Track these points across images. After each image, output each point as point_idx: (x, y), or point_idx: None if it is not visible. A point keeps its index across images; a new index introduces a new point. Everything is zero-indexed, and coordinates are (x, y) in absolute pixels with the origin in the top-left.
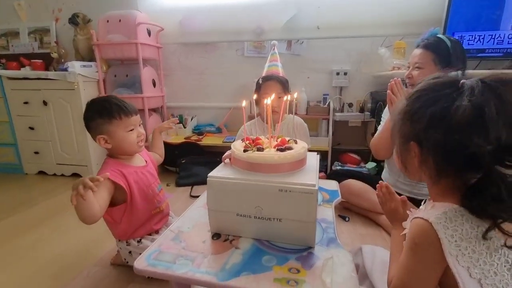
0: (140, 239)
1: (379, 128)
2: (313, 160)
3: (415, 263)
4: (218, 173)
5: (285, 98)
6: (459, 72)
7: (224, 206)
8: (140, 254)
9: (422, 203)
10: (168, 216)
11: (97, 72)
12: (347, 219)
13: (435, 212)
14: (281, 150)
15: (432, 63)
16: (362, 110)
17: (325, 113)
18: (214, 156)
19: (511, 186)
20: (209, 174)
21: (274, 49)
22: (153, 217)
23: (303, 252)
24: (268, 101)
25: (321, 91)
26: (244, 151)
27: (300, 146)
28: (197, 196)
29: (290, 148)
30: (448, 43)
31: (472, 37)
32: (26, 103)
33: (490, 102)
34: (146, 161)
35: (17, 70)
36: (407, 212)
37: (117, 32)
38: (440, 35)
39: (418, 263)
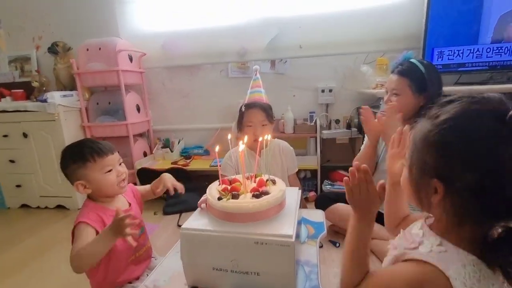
0: None
1: (361, 149)
2: (293, 199)
3: None
4: (192, 223)
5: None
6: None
7: (199, 259)
8: None
9: (418, 226)
10: (150, 259)
11: (78, 101)
12: (337, 244)
13: (451, 262)
14: (257, 196)
15: (408, 89)
16: (349, 126)
17: (312, 131)
18: (202, 181)
19: None
20: (183, 226)
21: (256, 74)
22: (131, 264)
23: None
24: (241, 147)
25: (307, 109)
26: (219, 199)
27: (278, 189)
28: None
29: (266, 193)
30: (422, 68)
31: (451, 52)
32: (5, 136)
33: None
34: (129, 204)
35: None
36: (401, 233)
37: (97, 60)
38: (413, 60)
39: None
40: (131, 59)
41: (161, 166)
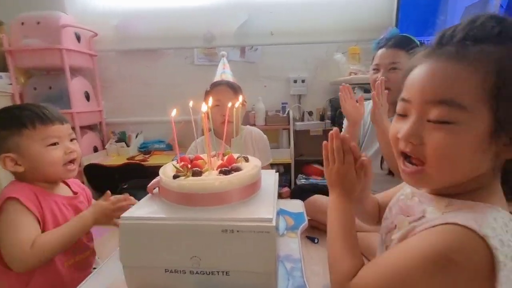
0: None
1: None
2: (270, 180)
3: (432, 284)
4: (136, 211)
5: (236, 104)
6: None
7: (146, 260)
8: None
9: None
10: (90, 268)
11: (10, 84)
12: (316, 240)
13: (478, 218)
14: (225, 172)
15: (408, 61)
16: (322, 118)
17: (285, 123)
18: None
19: None
20: (122, 215)
21: (223, 58)
22: (68, 270)
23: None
24: (204, 108)
25: (279, 99)
26: (174, 177)
27: (252, 165)
28: None
29: (237, 169)
30: (416, 40)
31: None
32: None
33: None
34: (75, 193)
35: None
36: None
37: (35, 36)
38: (404, 34)
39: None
40: (78, 38)
41: (114, 162)
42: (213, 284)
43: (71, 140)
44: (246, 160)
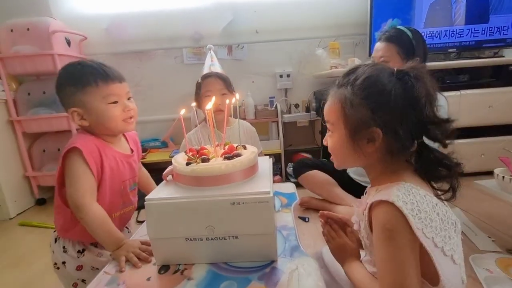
0: (83, 250)
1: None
2: (266, 164)
3: (398, 251)
4: (157, 194)
5: (228, 101)
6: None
7: (169, 233)
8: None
9: (364, 193)
10: (130, 219)
11: (3, 91)
12: (306, 219)
13: (389, 193)
14: (229, 158)
15: (397, 55)
16: (308, 109)
17: (273, 116)
18: (161, 174)
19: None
20: (147, 197)
21: (211, 51)
22: (115, 221)
23: (266, 268)
24: (209, 105)
25: (267, 94)
26: (187, 164)
27: (250, 151)
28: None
29: (238, 155)
30: (409, 33)
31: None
32: None
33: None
34: (132, 150)
35: None
36: (353, 206)
37: (26, 43)
38: (400, 26)
39: (401, 249)
40: (69, 43)
41: None
42: (226, 247)
43: (128, 98)
44: (245, 147)
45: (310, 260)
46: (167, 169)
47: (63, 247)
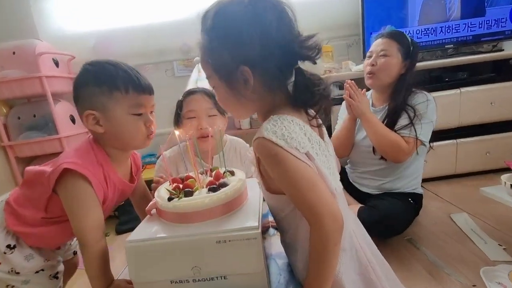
0: (14, 246)
1: (337, 127)
2: (255, 189)
3: (291, 168)
4: (139, 234)
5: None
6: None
7: (152, 275)
8: None
9: None
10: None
11: None
12: None
13: (261, 129)
14: (213, 190)
15: (398, 52)
16: None
17: None
18: None
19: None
20: (128, 239)
21: (198, 65)
22: (60, 242)
23: None
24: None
25: None
26: (169, 199)
27: (237, 179)
28: None
29: (224, 185)
30: (408, 38)
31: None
32: None
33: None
34: (132, 180)
35: None
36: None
37: (12, 67)
38: (399, 30)
39: (292, 165)
40: (57, 64)
41: None
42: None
43: (151, 113)
44: (232, 173)
45: None
46: (150, 203)
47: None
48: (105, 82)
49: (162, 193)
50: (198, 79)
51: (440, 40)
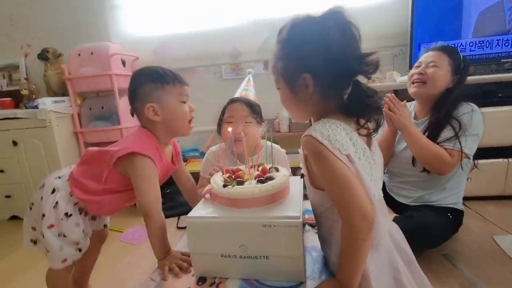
0: (70, 215)
1: (376, 137)
2: (297, 186)
3: (333, 166)
4: (197, 212)
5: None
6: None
7: (207, 248)
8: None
9: None
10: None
11: (70, 106)
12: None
13: (310, 128)
14: (262, 181)
15: (448, 65)
16: None
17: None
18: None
19: (366, 92)
20: (188, 215)
21: (250, 75)
22: (116, 210)
23: None
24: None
25: None
26: (224, 186)
27: (282, 175)
28: (184, 227)
29: (271, 178)
30: (460, 54)
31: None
32: None
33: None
34: (174, 163)
35: None
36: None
37: (89, 65)
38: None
39: (335, 164)
40: (124, 63)
41: None
42: (257, 266)
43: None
44: (277, 170)
45: None
46: (206, 188)
47: (56, 202)
48: (158, 79)
49: (217, 180)
50: (244, 89)
51: (496, 53)
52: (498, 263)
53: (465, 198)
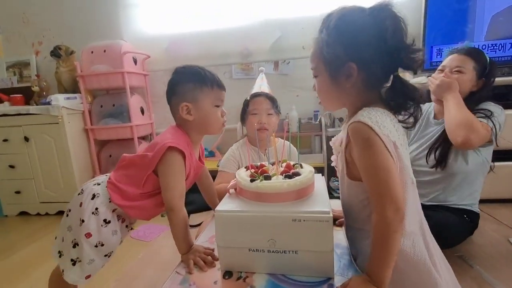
0: (109, 222)
1: None
2: (320, 183)
3: (378, 155)
4: (225, 206)
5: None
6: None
7: (234, 242)
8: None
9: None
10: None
11: (82, 103)
12: None
13: (357, 115)
14: (289, 177)
15: (473, 70)
16: None
17: (317, 130)
18: None
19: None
20: (216, 208)
21: (262, 73)
22: (154, 214)
23: (323, 284)
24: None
25: (311, 108)
26: (251, 181)
27: (308, 171)
28: (196, 225)
29: (297, 174)
30: (487, 56)
31: (449, 49)
32: (5, 140)
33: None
34: (202, 162)
35: None
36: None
37: (102, 63)
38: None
39: (380, 153)
40: (135, 61)
41: None
42: (285, 260)
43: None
44: (301, 166)
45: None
46: (231, 183)
47: (96, 208)
48: (197, 80)
49: (243, 175)
50: (262, 85)
51: (509, 56)
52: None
53: (479, 201)
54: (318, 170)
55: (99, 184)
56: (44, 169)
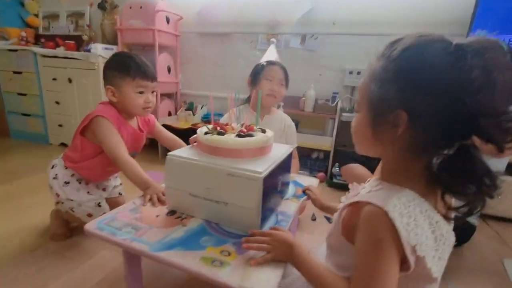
0: (68, 183)
1: None
2: (281, 151)
3: (382, 262)
4: (178, 152)
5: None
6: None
7: (178, 184)
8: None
9: (367, 181)
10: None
11: None
12: (330, 220)
13: (387, 197)
14: (240, 136)
15: None
16: None
17: (332, 112)
18: None
19: (478, 166)
20: (169, 153)
21: (274, 44)
22: (104, 171)
23: (243, 237)
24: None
25: (331, 89)
26: (205, 133)
27: (263, 135)
28: None
29: (250, 136)
30: (505, 45)
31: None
32: (54, 79)
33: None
34: (140, 129)
35: (53, 49)
36: (350, 185)
37: (137, 18)
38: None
39: (386, 262)
40: (168, 21)
41: (181, 126)
42: (218, 210)
43: (152, 92)
44: (263, 131)
45: None
46: (193, 136)
47: (56, 174)
48: (121, 69)
49: (203, 129)
50: (275, 56)
51: None
52: (494, 286)
53: (491, 217)
54: (325, 153)
55: (57, 158)
56: (81, 109)
